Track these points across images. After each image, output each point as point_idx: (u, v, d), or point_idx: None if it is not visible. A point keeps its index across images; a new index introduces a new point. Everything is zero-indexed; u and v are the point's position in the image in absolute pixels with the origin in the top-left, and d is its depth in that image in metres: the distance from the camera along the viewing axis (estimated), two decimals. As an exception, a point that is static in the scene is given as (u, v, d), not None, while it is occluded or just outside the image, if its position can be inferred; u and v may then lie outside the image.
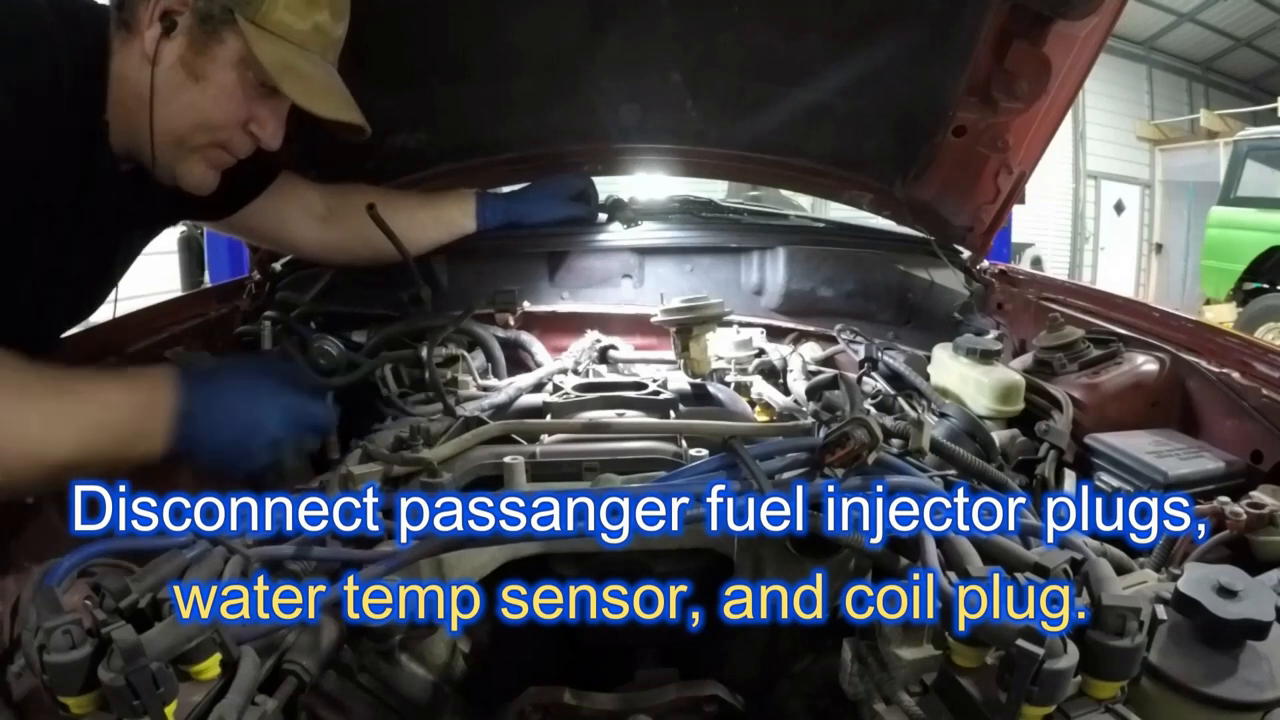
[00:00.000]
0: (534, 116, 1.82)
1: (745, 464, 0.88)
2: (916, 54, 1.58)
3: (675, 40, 1.66)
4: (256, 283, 1.68)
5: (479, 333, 1.51)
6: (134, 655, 0.58)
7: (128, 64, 1.04)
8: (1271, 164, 7.57)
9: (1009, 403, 1.28)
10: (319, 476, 1.09)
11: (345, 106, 1.17)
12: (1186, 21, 11.55)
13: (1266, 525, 0.96)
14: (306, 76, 1.10)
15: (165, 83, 1.04)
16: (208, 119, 1.09)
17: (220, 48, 1.05)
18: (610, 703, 1.00)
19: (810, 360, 1.60)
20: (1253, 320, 7.15)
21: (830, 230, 1.97)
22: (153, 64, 1.03)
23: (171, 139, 1.08)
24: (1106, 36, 1.43)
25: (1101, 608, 0.65)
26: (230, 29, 1.04)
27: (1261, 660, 0.70)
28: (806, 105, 1.76)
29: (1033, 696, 0.62)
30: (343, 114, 1.16)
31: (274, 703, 0.69)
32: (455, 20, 1.57)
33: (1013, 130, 1.58)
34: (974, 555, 0.77)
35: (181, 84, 1.05)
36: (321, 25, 1.12)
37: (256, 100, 1.11)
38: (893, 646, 0.78)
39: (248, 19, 1.04)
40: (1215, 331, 1.36)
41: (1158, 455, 1.15)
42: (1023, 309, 1.71)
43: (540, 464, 0.99)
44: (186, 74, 1.05)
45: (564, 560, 1.02)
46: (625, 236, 1.81)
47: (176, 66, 1.04)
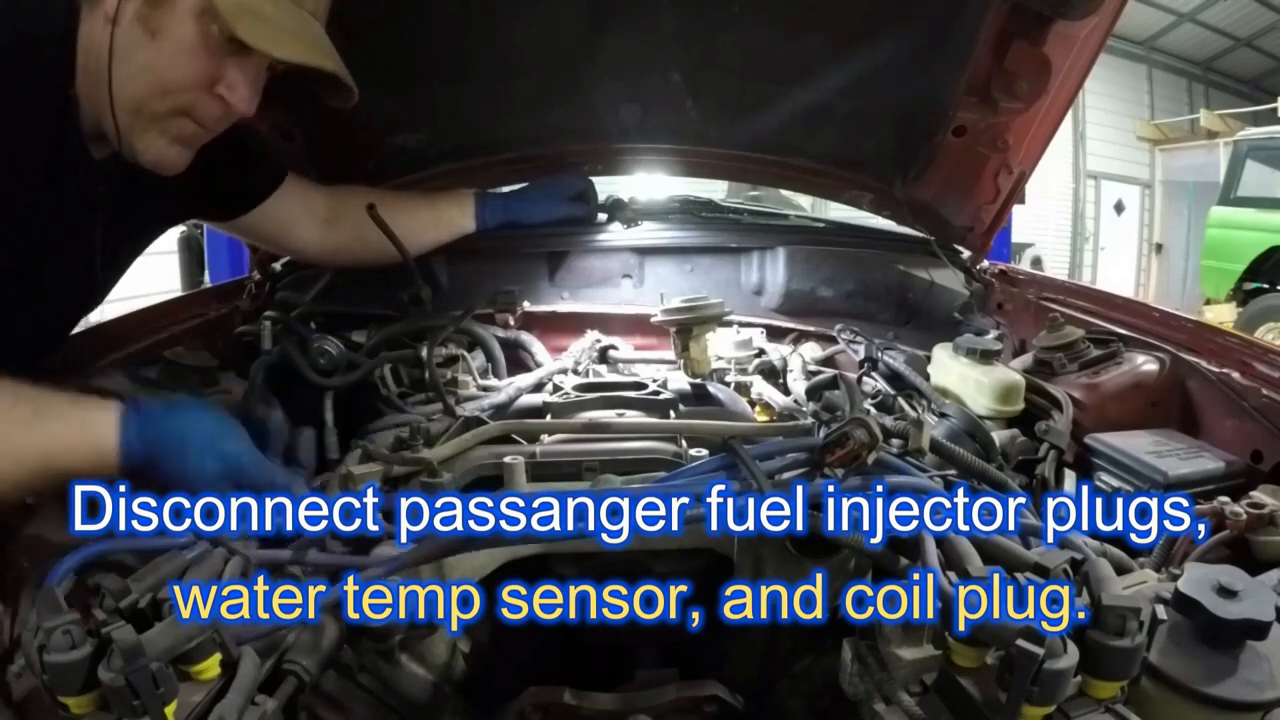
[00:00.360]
0: (534, 116, 1.82)
1: (745, 464, 0.88)
2: (916, 54, 1.58)
3: (675, 40, 1.66)
4: (256, 283, 1.68)
5: (479, 333, 1.51)
6: (134, 655, 0.58)
7: (94, 28, 0.95)
8: (1271, 164, 7.57)
9: (1009, 403, 1.28)
10: (319, 476, 1.09)
11: (315, 52, 1.04)
12: (1186, 21, 11.55)
13: (1266, 525, 0.96)
14: (269, 19, 0.98)
15: (123, 42, 0.95)
16: (165, 80, 0.98)
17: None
18: (610, 703, 1.00)
19: (810, 360, 1.60)
20: (1253, 320, 7.15)
21: (830, 230, 1.97)
22: (113, 23, 0.94)
23: (130, 106, 0.98)
24: (1106, 36, 1.43)
25: (1101, 608, 0.65)
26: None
27: (1261, 660, 0.70)
28: (806, 105, 1.76)
29: (1033, 696, 0.62)
30: (313, 58, 1.03)
31: (274, 703, 0.69)
32: (455, 20, 1.57)
33: (1013, 130, 1.58)
34: (974, 555, 0.77)
35: (139, 42, 0.95)
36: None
37: (224, 59, 0.99)
38: (893, 646, 0.78)
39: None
40: (1215, 331, 1.36)
41: (1158, 455, 1.15)
42: (1023, 309, 1.71)
43: (540, 464, 0.99)
44: (143, 30, 0.95)
45: (564, 560, 1.02)
46: (625, 236, 1.81)
47: (134, 23, 0.94)
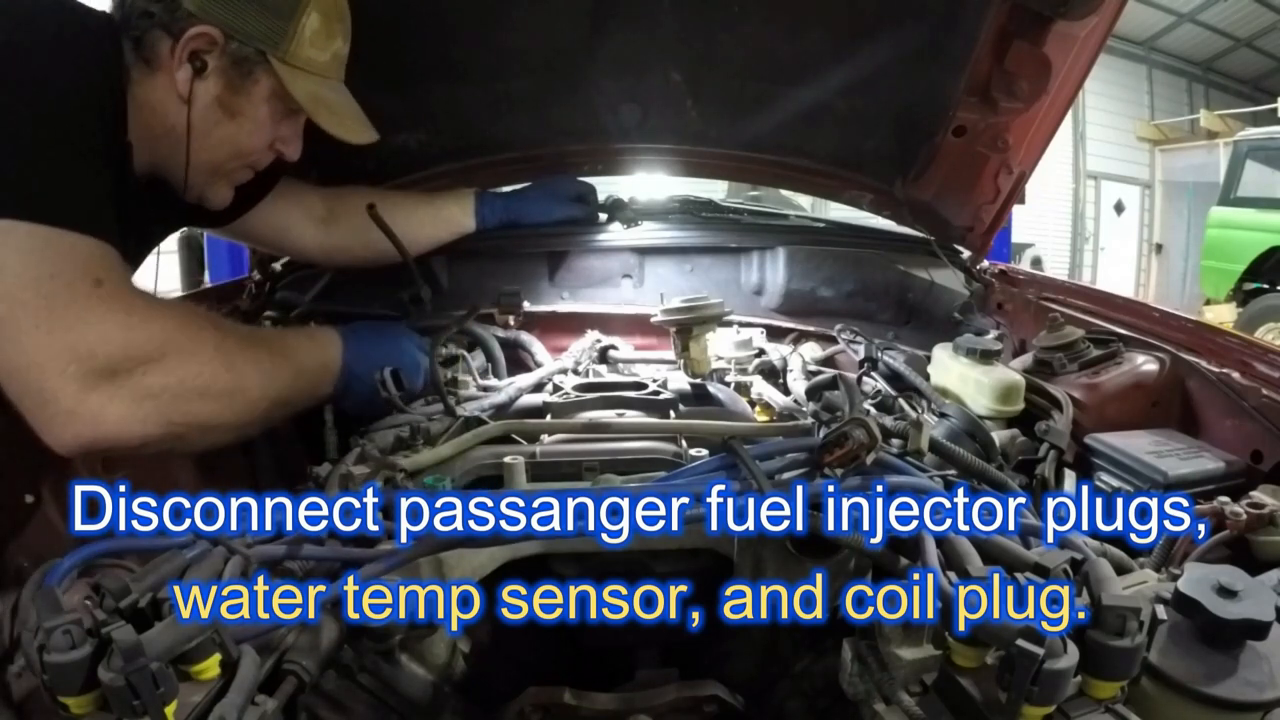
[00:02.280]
0: (534, 116, 1.82)
1: (745, 464, 0.88)
2: (916, 54, 1.58)
3: (675, 40, 1.66)
4: (256, 283, 1.68)
5: (479, 333, 1.51)
6: (134, 655, 0.58)
7: (153, 96, 1.08)
8: (1271, 164, 7.57)
9: (1009, 403, 1.28)
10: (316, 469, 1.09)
11: (365, 129, 1.24)
12: (1186, 22, 11.56)
13: (1266, 525, 0.96)
14: (333, 106, 1.19)
15: (201, 119, 1.10)
16: (243, 148, 1.17)
17: (255, 87, 1.12)
18: (610, 703, 1.00)
19: (810, 360, 1.60)
20: (1253, 320, 7.15)
21: (830, 230, 1.96)
22: (188, 104, 1.08)
23: (208, 169, 1.16)
24: (1106, 36, 1.43)
25: (1101, 608, 0.65)
26: (262, 68, 1.11)
27: (1261, 660, 0.70)
28: (806, 105, 1.76)
29: (1033, 696, 0.62)
30: (366, 136, 1.24)
31: (274, 703, 0.69)
32: (455, 20, 1.57)
33: (1013, 130, 1.58)
34: (974, 555, 0.77)
35: (219, 121, 1.12)
36: (338, 52, 1.20)
37: (282, 121, 1.18)
38: (893, 646, 0.78)
39: (279, 59, 1.10)
40: (1215, 331, 1.36)
41: (1158, 455, 1.15)
42: (1023, 309, 1.71)
43: (540, 464, 0.99)
44: (223, 112, 1.11)
45: (564, 560, 1.02)
46: (625, 236, 1.81)
47: (213, 105, 1.10)
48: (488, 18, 1.58)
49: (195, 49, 1.06)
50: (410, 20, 1.53)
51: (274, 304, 1.62)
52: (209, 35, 1.06)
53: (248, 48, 1.08)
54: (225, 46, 1.07)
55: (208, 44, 1.06)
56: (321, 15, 1.13)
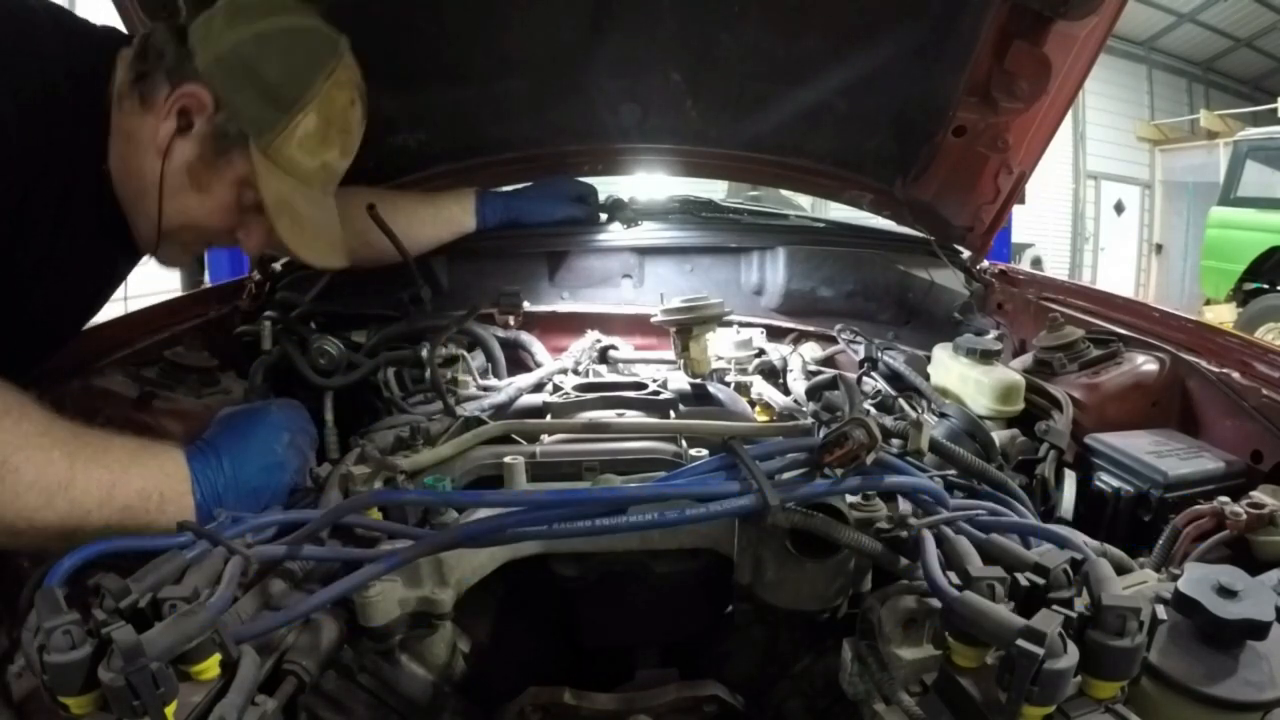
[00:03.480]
0: (534, 116, 1.82)
1: (745, 464, 0.88)
2: (916, 54, 1.58)
3: (675, 40, 1.66)
4: (256, 283, 1.68)
5: (479, 333, 1.51)
6: (134, 655, 0.58)
7: (139, 133, 1.04)
8: (1271, 164, 7.58)
9: (1009, 403, 1.28)
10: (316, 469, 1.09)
11: (331, 252, 1.18)
12: (1186, 22, 11.56)
13: (1266, 525, 0.96)
14: (302, 218, 1.12)
15: (170, 177, 1.05)
16: (199, 224, 1.11)
17: (228, 167, 1.07)
18: (610, 703, 1.00)
19: (810, 360, 1.60)
20: (1253, 320, 7.16)
21: (830, 230, 1.97)
22: (163, 158, 1.04)
23: (164, 229, 1.09)
24: (1106, 36, 1.44)
25: (1101, 608, 0.65)
26: (240, 151, 1.06)
27: (1261, 660, 0.70)
28: (806, 105, 1.76)
29: (1033, 696, 0.61)
30: (329, 260, 1.18)
31: (274, 703, 0.69)
32: (455, 20, 1.57)
33: (1013, 130, 1.58)
34: (974, 555, 0.77)
35: (183, 187, 1.06)
36: (329, 163, 1.14)
37: (248, 212, 1.12)
38: (893, 646, 0.78)
39: (260, 149, 1.06)
40: (1215, 331, 1.36)
41: (1158, 455, 1.15)
42: (1023, 309, 1.71)
43: (540, 464, 0.99)
44: (190, 181, 1.06)
45: (564, 560, 1.01)
46: (625, 236, 1.81)
47: (182, 171, 1.05)
48: (488, 18, 1.58)
49: (184, 106, 1.03)
50: (410, 21, 1.53)
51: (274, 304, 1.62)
52: (200, 98, 1.03)
53: (233, 125, 1.04)
54: (213, 115, 1.04)
55: (197, 106, 1.04)
56: (321, 120, 1.09)
